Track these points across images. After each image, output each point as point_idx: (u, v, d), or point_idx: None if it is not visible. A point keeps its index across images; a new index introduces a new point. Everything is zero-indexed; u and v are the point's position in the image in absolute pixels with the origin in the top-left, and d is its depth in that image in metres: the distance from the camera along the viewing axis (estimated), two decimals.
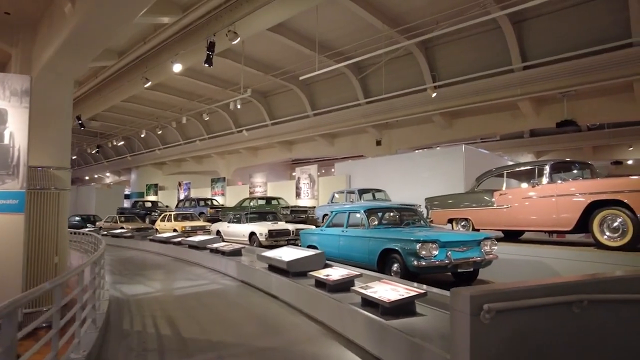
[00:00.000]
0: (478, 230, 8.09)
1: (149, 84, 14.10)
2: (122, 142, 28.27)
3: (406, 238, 5.93)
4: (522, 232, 8.48)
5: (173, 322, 5.55)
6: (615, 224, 5.81)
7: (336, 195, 13.79)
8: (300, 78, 13.83)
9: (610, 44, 10.95)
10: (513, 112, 14.20)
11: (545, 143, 22.29)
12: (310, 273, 5.85)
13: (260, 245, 10.96)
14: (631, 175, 6.06)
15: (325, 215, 12.18)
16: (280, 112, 21.38)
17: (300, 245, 9.02)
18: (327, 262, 6.80)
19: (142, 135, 26.20)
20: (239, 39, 10.30)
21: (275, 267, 7.12)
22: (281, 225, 11.62)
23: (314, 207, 15.38)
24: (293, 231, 11.02)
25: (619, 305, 3.19)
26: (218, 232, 13.87)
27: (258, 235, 11.17)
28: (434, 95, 13.92)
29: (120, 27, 6.84)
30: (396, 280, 4.93)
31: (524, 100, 13.09)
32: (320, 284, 5.57)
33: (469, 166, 12.27)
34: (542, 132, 22.14)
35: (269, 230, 10.88)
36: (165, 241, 13.83)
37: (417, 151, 14.58)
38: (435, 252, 5.70)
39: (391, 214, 7.86)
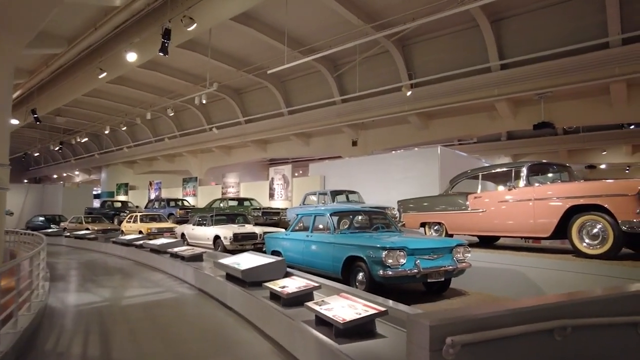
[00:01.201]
0: (451, 235, 7.66)
1: (104, 74, 13.15)
2: (85, 139, 26.95)
3: (371, 245, 5.39)
4: (497, 237, 8.10)
5: (107, 340, 4.87)
6: (595, 230, 5.42)
7: (308, 197, 13.22)
8: (269, 72, 13.21)
9: (586, 42, 10.73)
10: (490, 113, 13.92)
11: (522, 146, 22.30)
12: (265, 284, 5.24)
13: (225, 249, 10.29)
14: (608, 179, 5.70)
15: None
16: (254, 110, 20.69)
17: (265, 251, 8.42)
18: (289, 270, 6.21)
19: (107, 132, 24.99)
20: (194, 25, 9.55)
21: (232, 276, 6.50)
22: (248, 228, 10.96)
23: (287, 208, 14.77)
24: (260, 235, 10.38)
25: (609, 330, 2.71)
26: (183, 235, 13.11)
27: (222, 238, 10.48)
28: (408, 93, 13.51)
29: (48, 6, 6.07)
30: (357, 294, 4.38)
31: (501, 101, 12.80)
32: (275, 296, 4.98)
33: (445, 168, 11.90)
34: (519, 135, 22.15)
35: (234, 234, 10.21)
36: (128, 244, 13.02)
37: (392, 152, 14.14)
38: (403, 261, 5.17)
39: (359, 217, 7.32)
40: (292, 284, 5.04)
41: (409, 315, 2.29)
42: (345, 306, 3.82)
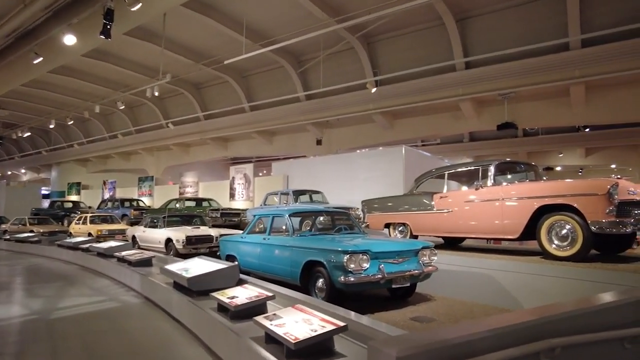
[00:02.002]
0: (416, 236, 7.34)
1: (40, 59, 11.86)
2: (28, 134, 25.00)
3: (332, 248, 4.92)
4: (462, 238, 7.86)
5: None
6: (564, 231, 5.19)
7: (270, 197, 12.65)
8: (226, 62, 12.53)
9: (548, 42, 10.78)
10: (455, 113, 13.87)
11: (483, 148, 22.68)
12: (213, 294, 4.65)
13: (178, 253, 9.54)
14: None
15: None
16: (214, 106, 19.81)
17: (219, 255, 7.79)
18: (243, 277, 5.63)
19: (52, 126, 23.21)
20: (139, 4, 8.69)
21: (180, 284, 5.84)
22: (203, 230, 10.24)
23: (248, 209, 14.11)
24: (217, 237, 9.70)
25: (597, 347, 2.36)
26: (134, 238, 12.20)
27: (175, 242, 9.72)
28: (373, 90, 13.23)
29: None
30: (314, 305, 3.89)
31: (466, 101, 12.75)
32: (225, 307, 4.40)
33: (409, 168, 11.71)
34: (480, 137, 22.55)
35: (187, 237, 9.47)
36: (74, 247, 11.94)
37: (356, 151, 13.81)
38: (366, 265, 4.74)
39: (321, 218, 6.85)
40: (243, 294, 4.47)
41: (370, 344, 1.82)
42: (300, 321, 3.31)
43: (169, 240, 10.03)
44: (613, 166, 22.19)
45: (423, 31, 13.12)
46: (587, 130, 17.51)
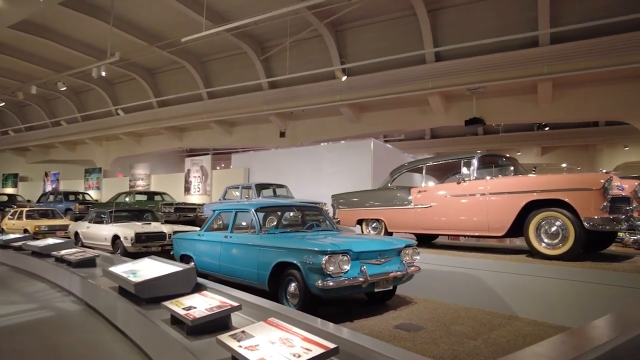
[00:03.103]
0: (391, 233, 6.86)
1: None
2: None
3: (308, 247, 4.28)
4: (435, 235, 7.49)
5: None
6: (554, 228, 4.85)
7: (230, 191, 11.80)
8: (183, 39, 11.47)
9: (517, 35, 10.69)
10: (422, 107, 13.61)
11: (444, 145, 22.86)
12: (166, 303, 3.86)
13: (126, 252, 8.56)
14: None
15: None
16: (169, 93, 18.46)
17: (173, 254, 6.94)
18: (201, 281, 4.84)
19: None
20: None
21: (126, 289, 4.97)
22: (155, 226, 9.28)
23: (204, 204, 13.15)
24: (170, 234, 8.78)
25: None
26: (76, 235, 10.98)
27: (122, 239, 8.70)
28: (344, 78, 12.67)
29: None
30: (291, 319, 3.22)
31: (434, 95, 12.49)
32: (178, 320, 3.63)
33: (378, 162, 11.32)
34: (441, 134, 22.74)
35: (137, 234, 8.49)
36: (4, 245, 10.49)
37: (322, 144, 13.21)
38: (347, 267, 4.14)
39: (290, 214, 6.19)
40: (203, 303, 3.71)
41: None
42: (277, 341, 2.63)
43: (116, 238, 9.00)
44: (564, 165, 23.07)
45: (393, 21, 12.72)
46: (547, 129, 17.95)
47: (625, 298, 4.04)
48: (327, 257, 4.01)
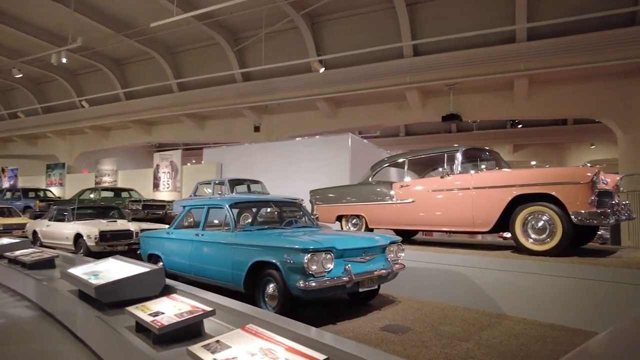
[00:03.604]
0: (372, 230, 6.63)
1: None
2: None
3: (288, 245, 3.96)
4: (415, 231, 7.31)
5: None
6: (541, 223, 4.72)
7: (201, 187, 11.32)
8: (152, 25, 10.86)
9: (496, 30, 10.70)
10: (400, 103, 13.49)
11: (418, 142, 22.95)
12: (130, 308, 3.45)
13: (89, 252, 7.97)
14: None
15: None
16: (137, 85, 17.62)
17: (140, 254, 6.47)
18: (170, 283, 4.43)
19: None
20: None
21: (86, 293, 4.49)
22: (121, 224, 8.72)
23: (174, 201, 12.59)
24: (137, 233, 8.25)
25: None
26: (35, 234, 10.23)
27: (86, 237, 8.10)
28: (322, 70, 12.36)
29: None
30: (273, 325, 2.90)
31: (412, 90, 12.38)
32: (144, 327, 3.23)
33: (355, 157, 11.10)
34: (415, 132, 22.86)
35: (101, 232, 7.92)
36: None
37: (299, 139, 12.87)
38: (330, 266, 3.85)
39: (267, 210, 5.85)
40: (172, 308, 3.32)
41: None
42: (257, 352, 2.30)
43: (78, 236, 8.37)
44: (533, 163, 23.61)
45: (371, 14, 12.51)
46: (520, 126, 18.24)
47: (616, 294, 3.93)
48: (309, 255, 3.70)
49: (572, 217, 4.43)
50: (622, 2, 9.95)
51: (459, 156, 5.63)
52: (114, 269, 4.56)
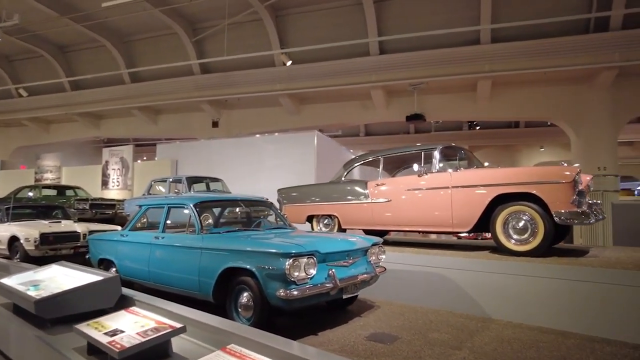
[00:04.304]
0: (345, 230, 6.34)
1: None
2: None
3: (265, 250, 3.56)
4: (385, 232, 7.11)
5: None
6: (522, 223, 4.63)
7: (155, 185, 10.55)
8: (104, 5, 9.95)
9: (460, 31, 10.81)
10: (364, 102, 13.36)
11: (378, 142, 23.08)
12: (79, 326, 2.89)
13: (27, 257, 7.09)
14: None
15: None
16: (85, 74, 16.29)
17: (89, 258, 5.77)
18: (127, 293, 3.86)
19: None
20: None
21: (23, 308, 3.81)
22: (66, 225, 7.86)
23: (126, 200, 11.69)
24: (85, 234, 7.45)
25: None
26: None
27: (23, 241, 7.19)
28: (289, 63, 11.95)
29: None
30: (260, 344, 2.50)
31: (378, 89, 12.27)
32: (98, 349, 2.70)
33: (321, 156, 10.80)
34: (375, 132, 22.99)
35: (42, 234, 7.07)
36: None
37: (263, 135, 12.35)
38: (313, 272, 3.50)
39: (236, 210, 5.40)
40: (132, 325, 2.80)
41: None
42: None
43: (14, 239, 7.43)
44: (486, 164, 24.46)
45: (338, 9, 12.27)
46: (478, 128, 18.75)
47: (598, 294, 3.87)
48: (290, 260, 3.32)
49: (555, 216, 4.36)
50: (579, 9, 10.36)
51: (436, 154, 5.46)
52: (59, 278, 3.90)
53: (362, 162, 6.48)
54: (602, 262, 4.27)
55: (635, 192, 22.48)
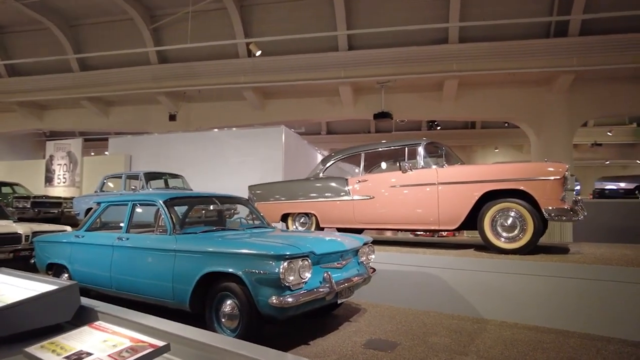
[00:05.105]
0: (322, 229, 6.03)
1: None
2: None
3: (254, 251, 3.15)
4: (360, 230, 6.88)
5: None
6: (510, 220, 4.53)
7: (108, 183, 9.72)
8: None
9: (425, 25, 10.89)
10: (331, 98, 13.11)
11: (339, 141, 22.97)
12: (31, 349, 2.35)
13: None
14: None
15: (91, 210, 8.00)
16: (25, 58, 14.80)
17: (35, 263, 5.07)
18: (87, 304, 3.31)
19: None
20: None
21: None
22: (3, 226, 6.93)
23: (74, 198, 10.69)
24: (28, 236, 6.60)
25: None
26: None
27: None
28: (258, 53, 11.43)
29: None
30: (251, 357, 2.11)
31: (346, 85, 12.07)
32: None
33: (288, 152, 10.44)
34: (336, 131, 22.93)
35: None
36: None
37: (227, 130, 11.71)
38: (308, 275, 3.14)
39: (210, 208, 4.92)
40: (101, 344, 2.30)
41: None
42: None
43: None
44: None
45: (307, 2, 11.91)
46: (439, 128, 19.07)
47: (590, 291, 3.81)
48: (285, 263, 2.95)
49: (545, 213, 4.29)
50: (542, 13, 10.70)
51: (421, 150, 5.28)
52: None
53: (342, 157, 6.18)
54: (592, 259, 4.24)
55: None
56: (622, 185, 21.97)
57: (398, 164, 5.42)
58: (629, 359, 3.10)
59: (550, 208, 4.31)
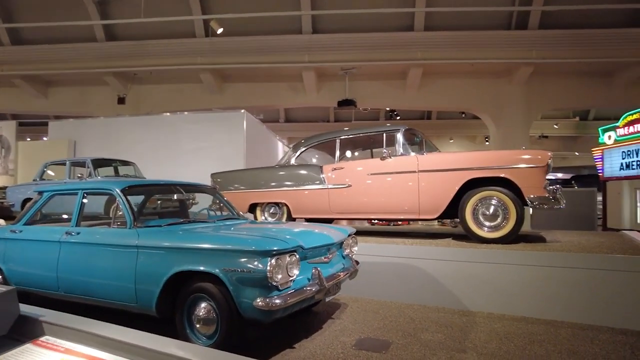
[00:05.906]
0: (294, 219, 5.68)
1: None
2: None
3: (234, 247, 2.75)
4: (330, 220, 6.61)
5: None
6: (492, 209, 4.42)
7: (49, 171, 8.76)
8: None
9: (390, 9, 10.75)
10: (294, 84, 12.65)
11: (297, 129, 22.63)
12: None
13: None
14: None
15: (29, 200, 7.06)
16: None
17: None
18: (27, 312, 2.75)
19: None
20: None
21: None
22: None
23: (7, 187, 9.58)
24: None
25: None
26: None
27: None
28: (219, 30, 10.71)
29: None
30: None
31: (309, 70, 11.66)
32: None
33: (250, 138, 9.91)
34: (294, 119, 22.53)
35: None
36: None
37: (182, 113, 10.93)
38: (297, 272, 2.80)
39: (174, 197, 4.41)
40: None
41: None
42: None
43: None
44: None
45: None
46: (398, 118, 19.14)
47: (575, 280, 3.78)
48: (273, 260, 2.59)
49: (529, 201, 4.22)
50: (505, 3, 10.85)
51: (399, 137, 5.05)
52: None
53: (315, 143, 5.83)
54: (577, 247, 4.23)
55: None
56: (560, 175, 23.30)
57: (373, 151, 5.17)
58: (622, 347, 3.06)
59: (532, 196, 4.23)
